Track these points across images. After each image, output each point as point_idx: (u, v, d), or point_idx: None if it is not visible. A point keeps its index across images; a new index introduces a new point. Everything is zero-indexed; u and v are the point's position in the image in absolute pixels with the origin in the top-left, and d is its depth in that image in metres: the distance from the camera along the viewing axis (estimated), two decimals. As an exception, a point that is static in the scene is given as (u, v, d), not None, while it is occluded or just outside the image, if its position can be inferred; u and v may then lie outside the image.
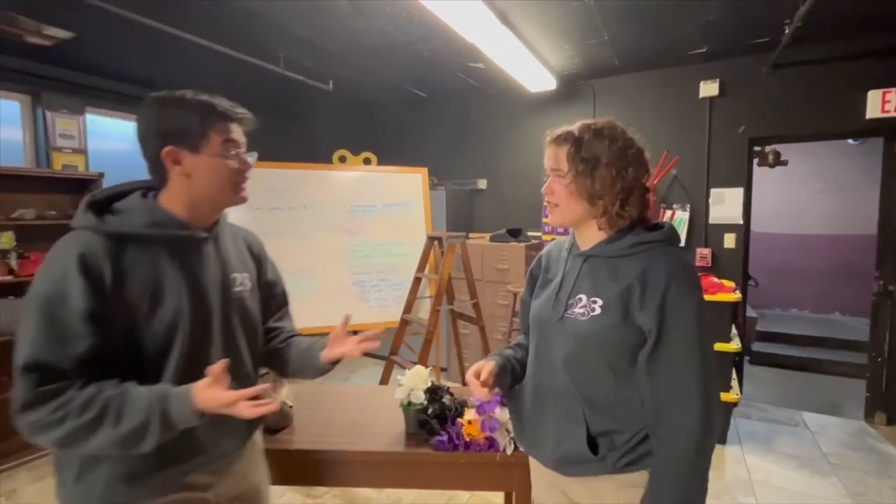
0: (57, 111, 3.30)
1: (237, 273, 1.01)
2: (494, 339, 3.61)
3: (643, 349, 0.89)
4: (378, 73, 3.61)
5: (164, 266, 0.87)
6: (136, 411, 0.78)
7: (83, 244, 0.80)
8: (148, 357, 0.85)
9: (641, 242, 0.91)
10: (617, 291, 0.90)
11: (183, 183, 0.89)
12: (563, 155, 0.93)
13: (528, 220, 4.03)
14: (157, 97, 0.89)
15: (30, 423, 0.76)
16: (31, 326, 0.76)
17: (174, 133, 0.87)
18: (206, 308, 0.92)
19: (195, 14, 2.55)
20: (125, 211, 0.87)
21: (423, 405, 1.37)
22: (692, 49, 3.13)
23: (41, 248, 2.76)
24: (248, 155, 0.96)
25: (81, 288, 0.77)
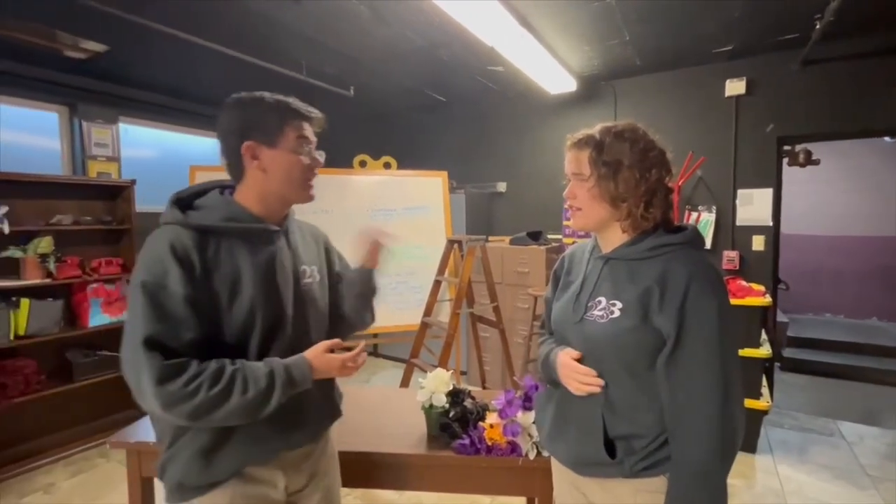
0: (92, 121, 3.45)
1: (306, 265, 1.05)
2: (515, 343, 3.59)
3: (662, 352, 0.88)
4: (398, 78, 3.64)
5: (240, 258, 0.92)
6: (260, 377, 0.86)
7: (172, 237, 0.86)
8: (228, 344, 0.89)
9: (662, 245, 0.90)
10: (636, 294, 0.89)
11: (259, 177, 0.95)
12: (585, 158, 0.93)
13: (548, 222, 4.00)
14: (239, 97, 0.96)
15: (167, 394, 0.79)
16: (141, 308, 0.82)
17: (253, 129, 0.93)
18: (280, 298, 0.96)
19: (222, 25, 2.63)
20: (205, 207, 0.94)
21: (444, 408, 1.37)
22: (717, 47, 3.07)
23: (77, 252, 2.88)
24: (318, 153, 1.01)
25: (178, 275, 0.83)
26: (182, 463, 0.89)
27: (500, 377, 3.78)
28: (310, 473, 1.06)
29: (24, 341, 2.60)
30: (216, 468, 0.90)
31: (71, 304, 2.89)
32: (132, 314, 0.83)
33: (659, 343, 0.88)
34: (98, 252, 3.01)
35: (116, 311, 2.97)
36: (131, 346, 0.81)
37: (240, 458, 0.91)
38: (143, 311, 0.82)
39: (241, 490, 0.93)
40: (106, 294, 2.93)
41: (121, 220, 3.06)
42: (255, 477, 0.95)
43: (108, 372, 2.94)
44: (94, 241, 3.02)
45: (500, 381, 3.77)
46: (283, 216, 1.03)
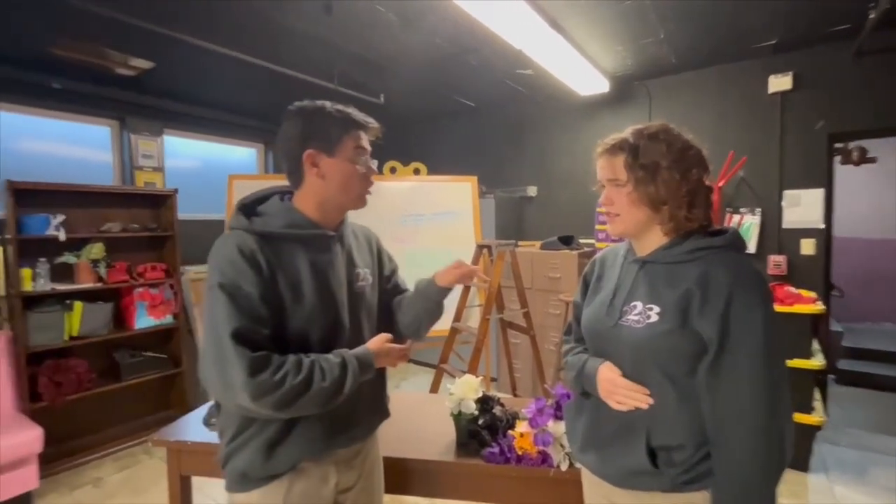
0: (139, 134, 3.64)
1: (360, 268, 1.09)
2: (546, 350, 3.51)
3: (703, 360, 0.84)
4: (427, 84, 3.67)
5: (300, 262, 0.96)
6: (334, 366, 0.91)
7: (240, 241, 0.91)
8: (292, 344, 0.93)
9: (702, 248, 0.87)
10: (674, 297, 0.86)
11: (317, 184, 0.98)
12: (620, 164, 0.91)
13: (580, 227, 3.91)
14: (302, 106, 1.00)
15: (257, 385, 0.82)
16: (224, 307, 0.86)
17: (314, 137, 0.97)
18: (336, 301, 1.00)
19: (258, 39, 2.73)
20: (267, 213, 0.99)
21: (473, 415, 1.35)
22: (759, 42, 2.92)
23: (125, 258, 3.04)
24: (373, 162, 1.05)
25: (250, 276, 0.88)
26: (247, 454, 0.93)
27: (531, 384, 3.71)
28: (358, 472, 1.09)
29: (77, 342, 2.76)
30: (276, 461, 0.93)
31: (119, 307, 3.05)
32: (213, 314, 0.87)
33: (699, 348, 0.84)
34: (144, 257, 3.17)
35: (160, 314, 3.11)
36: (216, 342, 0.85)
37: (298, 453, 0.95)
38: (226, 309, 0.85)
39: (296, 484, 0.97)
40: (150, 298, 3.07)
41: (164, 227, 3.21)
42: (309, 472, 0.99)
43: (153, 372, 3.09)
44: (141, 248, 3.19)
45: (531, 388, 3.70)
46: (339, 221, 1.06)
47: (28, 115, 3.19)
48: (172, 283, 3.18)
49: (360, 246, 1.14)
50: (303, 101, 1.00)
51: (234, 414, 0.96)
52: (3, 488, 2.20)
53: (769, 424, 0.79)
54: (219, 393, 0.87)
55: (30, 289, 2.60)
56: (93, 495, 2.48)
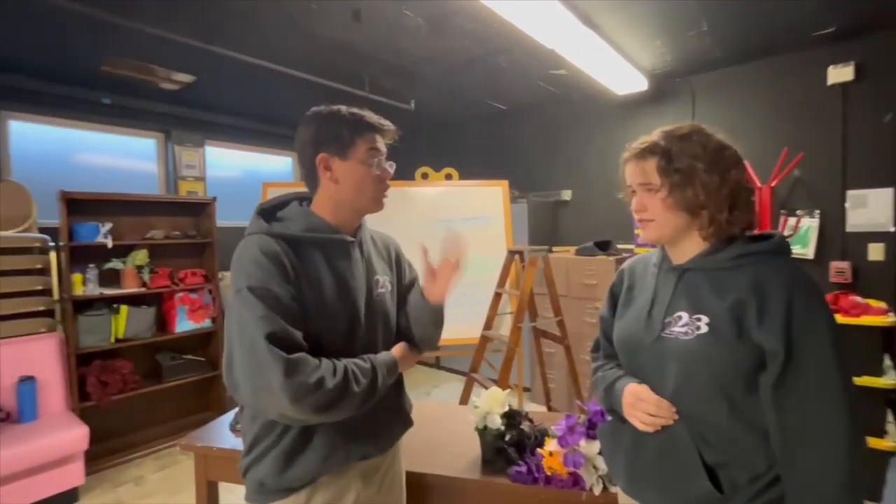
0: (183, 145, 3.81)
1: (379, 275, 1.07)
2: (581, 360, 3.37)
3: (765, 373, 0.76)
4: (457, 89, 3.64)
5: (321, 266, 0.95)
6: (366, 370, 0.92)
7: (261, 244, 0.90)
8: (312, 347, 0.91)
9: (747, 254, 0.80)
10: (726, 306, 0.79)
11: (331, 188, 0.98)
12: (652, 168, 0.85)
13: (617, 231, 3.74)
14: (317, 111, 1.00)
15: (296, 387, 0.81)
16: (254, 308, 0.84)
17: (327, 141, 0.97)
18: (355, 307, 0.98)
19: (292, 50, 2.78)
20: (287, 218, 0.99)
21: (500, 430, 1.27)
22: (815, 30, 2.70)
23: (167, 264, 3.16)
24: (388, 164, 1.03)
25: (278, 276, 0.88)
26: (264, 466, 0.92)
27: (566, 395, 3.57)
28: (378, 486, 1.06)
29: (122, 344, 2.89)
30: (294, 474, 0.92)
31: (161, 311, 3.17)
32: (246, 317, 0.84)
33: (758, 361, 0.77)
34: (184, 263, 3.28)
35: (200, 319, 3.21)
36: (250, 346, 0.82)
37: (316, 466, 0.93)
38: (258, 311, 0.83)
39: (315, 497, 0.95)
40: (191, 302, 3.18)
41: (204, 234, 3.32)
42: (328, 486, 0.96)
43: (193, 374, 3.18)
44: (182, 254, 3.31)
45: (566, 399, 3.56)
46: (357, 226, 1.05)
47: (81, 129, 3.41)
48: (211, 288, 3.28)
49: (379, 253, 1.12)
50: (319, 107, 1.00)
51: (252, 423, 0.95)
52: (52, 483, 2.30)
53: (852, 444, 0.71)
54: (254, 398, 0.84)
55: (80, 293, 2.75)
56: (133, 493, 2.56)
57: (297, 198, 1.04)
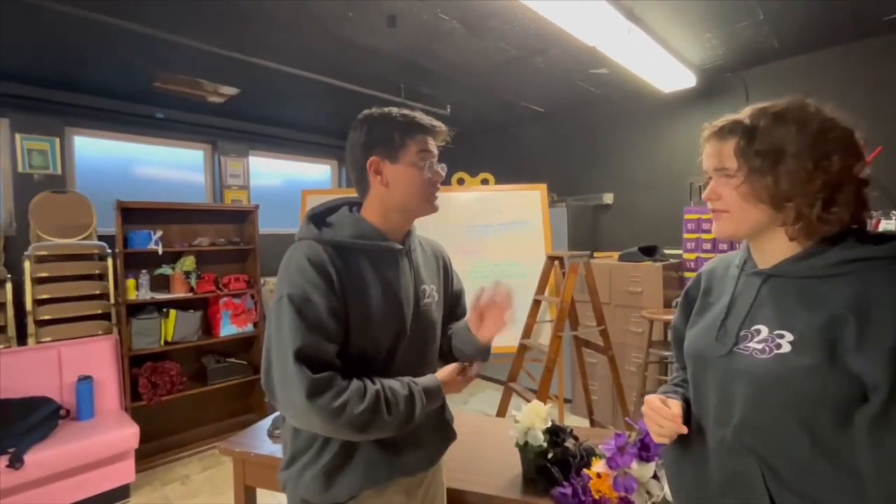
0: (228, 156, 3.96)
1: (426, 284, 1.04)
2: (627, 371, 3.20)
3: (863, 408, 0.63)
4: (494, 92, 3.59)
5: (368, 275, 0.93)
6: (400, 399, 0.88)
7: (310, 251, 0.89)
8: (355, 359, 0.89)
9: (855, 259, 0.66)
10: (817, 324, 0.65)
11: (382, 192, 0.95)
12: (730, 150, 0.73)
13: (664, 236, 3.55)
14: (368, 113, 0.97)
15: (317, 408, 0.80)
16: (290, 320, 0.83)
17: (377, 144, 0.94)
18: (402, 317, 0.95)
19: (329, 59, 2.83)
20: (337, 224, 0.96)
21: (542, 448, 1.20)
22: (888, 13, 2.46)
23: (213, 270, 3.28)
24: (439, 166, 0.99)
25: (321, 287, 0.85)
26: (306, 482, 0.91)
27: (610, 408, 3.40)
28: (421, 501, 1.03)
29: (171, 347, 3.01)
30: (337, 490, 0.90)
31: (206, 316, 3.28)
32: (280, 327, 0.84)
33: (853, 392, 0.63)
34: (229, 269, 3.40)
35: (242, 323, 3.30)
36: (281, 359, 0.82)
37: (359, 482, 0.91)
38: (292, 323, 0.82)
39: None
40: (234, 307, 3.27)
41: (247, 241, 3.43)
42: (371, 501, 0.94)
43: (236, 377, 3.27)
44: (226, 260, 3.43)
45: (609, 412, 3.39)
46: (406, 232, 1.02)
47: (136, 142, 3.61)
48: (253, 293, 3.37)
49: (428, 261, 1.09)
50: (371, 109, 0.98)
51: (292, 435, 0.94)
52: (105, 480, 2.41)
53: None
54: (284, 410, 0.85)
55: (134, 297, 2.89)
56: (180, 492, 2.64)
57: (348, 203, 1.03)
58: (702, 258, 3.19)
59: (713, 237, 3.12)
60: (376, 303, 0.91)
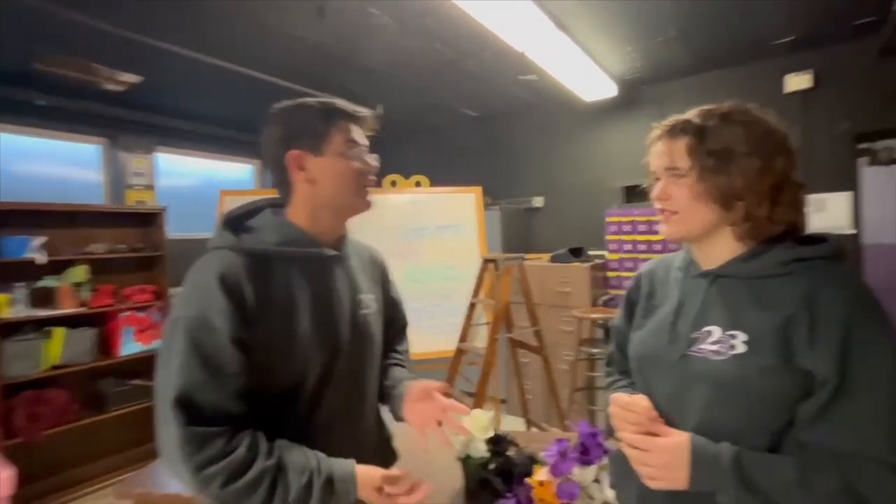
0: (130, 151, 3.53)
1: (364, 293, 0.94)
2: (558, 369, 3.30)
3: (807, 402, 0.64)
4: (427, 94, 3.55)
5: (296, 287, 0.81)
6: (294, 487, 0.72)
7: (224, 264, 0.76)
8: (278, 389, 0.79)
9: (799, 259, 0.68)
10: (772, 323, 0.66)
11: (307, 190, 0.84)
12: (682, 149, 0.73)
13: (589, 238, 3.73)
14: (283, 105, 0.86)
15: (189, 467, 0.69)
16: (180, 351, 0.71)
17: (297, 136, 0.83)
18: (336, 333, 0.85)
19: (248, 48, 2.61)
20: (259, 228, 0.85)
21: (484, 459, 1.15)
22: (776, 39, 2.77)
23: (112, 280, 2.88)
24: (371, 156, 0.89)
25: (226, 310, 0.72)
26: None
27: (543, 406, 3.49)
28: None
29: (58, 371, 2.58)
30: None
31: (104, 333, 2.87)
32: (167, 357, 0.73)
33: (805, 390, 0.64)
34: (131, 279, 3.00)
35: (148, 340, 2.93)
36: (161, 395, 0.71)
37: None
38: (181, 355, 0.71)
39: None
40: (138, 322, 2.90)
41: (154, 247, 3.06)
42: None
43: (141, 402, 2.90)
44: (128, 269, 3.03)
45: (543, 410, 3.48)
46: (340, 235, 0.92)
47: (12, 133, 3.08)
48: (161, 305, 3.01)
49: (365, 267, 0.99)
50: (284, 101, 0.86)
51: None
52: (-33, 537, 2.00)
53: None
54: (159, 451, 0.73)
55: (6, 315, 2.44)
56: (70, 540, 2.27)
57: (271, 204, 0.90)
58: (624, 258, 3.39)
59: (633, 239, 3.32)
60: (306, 321, 0.80)
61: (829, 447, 0.62)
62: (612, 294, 3.42)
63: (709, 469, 0.66)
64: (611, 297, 3.41)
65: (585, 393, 3.29)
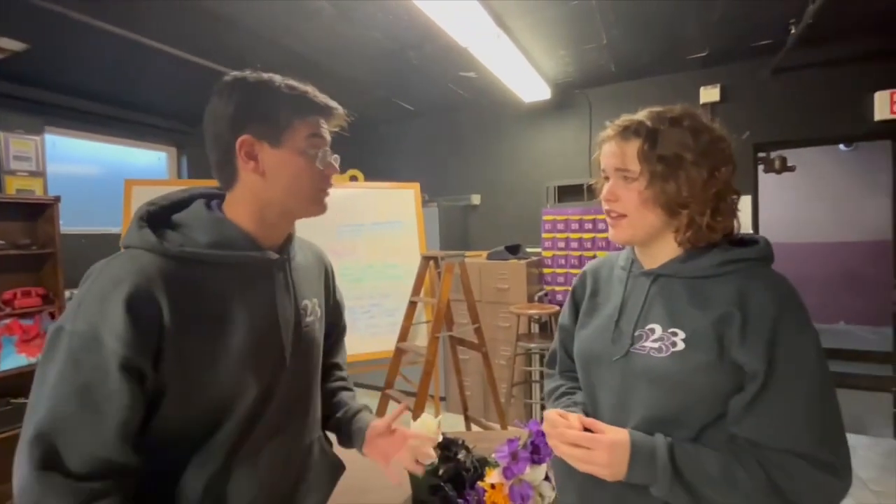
0: (11, 131, 3.02)
1: (308, 299, 0.84)
2: (497, 364, 3.35)
3: (738, 395, 0.68)
4: (364, 85, 3.42)
5: (230, 298, 0.70)
6: None
7: (133, 269, 0.62)
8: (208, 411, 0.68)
9: (732, 260, 0.71)
10: (708, 321, 0.69)
11: (255, 184, 0.72)
12: (634, 152, 0.73)
13: (525, 236, 3.83)
14: (239, 76, 0.72)
15: None
16: (56, 370, 0.58)
17: (254, 120, 0.70)
18: (278, 348, 0.75)
19: (165, 20, 2.33)
20: (188, 225, 0.71)
21: (433, 465, 1.10)
22: (693, 53, 3.01)
23: (-14, 282, 2.45)
24: (333, 157, 0.79)
25: (124, 329, 0.58)
26: None
27: (482, 402, 3.53)
28: None
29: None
30: None
31: (-23, 345, 2.44)
32: (43, 375, 0.59)
33: (737, 385, 0.68)
34: (13, 281, 2.58)
35: (35, 351, 2.53)
36: (25, 425, 0.58)
37: None
38: (56, 376, 0.57)
39: None
40: (22, 330, 2.50)
41: (42, 244, 2.64)
42: None
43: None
44: (9, 269, 2.59)
45: (482, 406, 3.52)
46: (285, 237, 0.81)
47: None
48: (53, 310, 2.61)
49: (310, 270, 0.88)
50: (243, 73, 0.73)
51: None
52: None
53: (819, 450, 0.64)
54: None
55: None
56: None
57: (204, 195, 0.77)
58: (557, 255, 3.52)
59: (566, 236, 3.45)
60: (242, 337, 0.69)
61: (753, 440, 0.66)
62: (548, 290, 3.54)
63: (647, 464, 0.67)
64: (546, 293, 3.53)
65: (522, 387, 3.37)
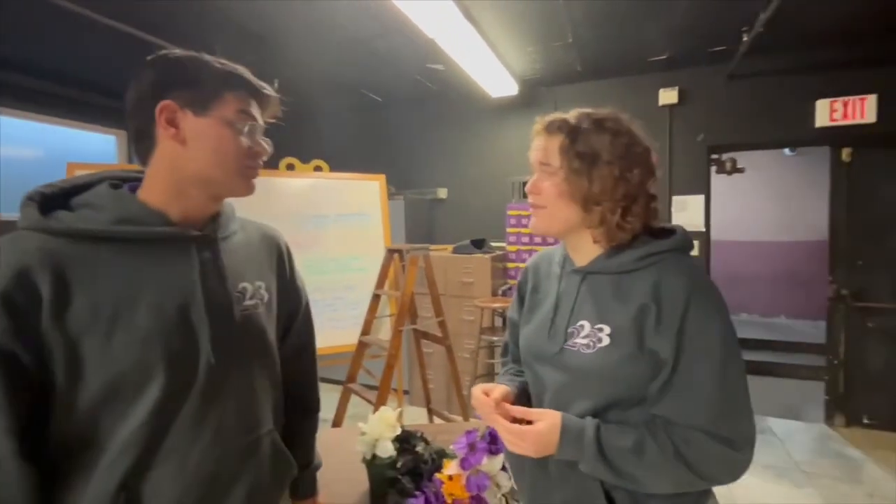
0: (-64, 107, 2.77)
1: (248, 282, 0.77)
2: (460, 358, 3.38)
3: (655, 380, 0.72)
4: (329, 73, 3.34)
5: (135, 274, 0.65)
6: None
7: (17, 251, 0.59)
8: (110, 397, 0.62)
9: (651, 254, 0.75)
10: (629, 315, 0.72)
11: (174, 152, 0.68)
12: (555, 147, 0.77)
13: (491, 230, 3.87)
14: (165, 52, 0.69)
15: None
16: None
17: (178, 85, 0.67)
18: (191, 339, 0.68)
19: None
20: (89, 204, 0.66)
21: (391, 459, 1.11)
22: (654, 56, 3.11)
23: None
24: (265, 140, 0.76)
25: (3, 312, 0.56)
26: None
27: (445, 395, 3.55)
28: None
29: None
30: None
31: None
32: None
33: (656, 370, 0.72)
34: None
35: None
36: None
37: None
38: None
39: None
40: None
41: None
42: None
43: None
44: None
45: (445, 399, 3.54)
46: (211, 215, 0.75)
47: None
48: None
49: (253, 251, 0.83)
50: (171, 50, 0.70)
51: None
52: None
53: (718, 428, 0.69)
54: None
55: None
56: None
57: (111, 178, 0.72)
58: (521, 250, 3.58)
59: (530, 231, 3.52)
60: (143, 314, 0.63)
61: (667, 418, 0.71)
62: (512, 284, 3.60)
63: (575, 443, 0.72)
64: (510, 287, 3.59)
65: (486, 380, 3.42)
